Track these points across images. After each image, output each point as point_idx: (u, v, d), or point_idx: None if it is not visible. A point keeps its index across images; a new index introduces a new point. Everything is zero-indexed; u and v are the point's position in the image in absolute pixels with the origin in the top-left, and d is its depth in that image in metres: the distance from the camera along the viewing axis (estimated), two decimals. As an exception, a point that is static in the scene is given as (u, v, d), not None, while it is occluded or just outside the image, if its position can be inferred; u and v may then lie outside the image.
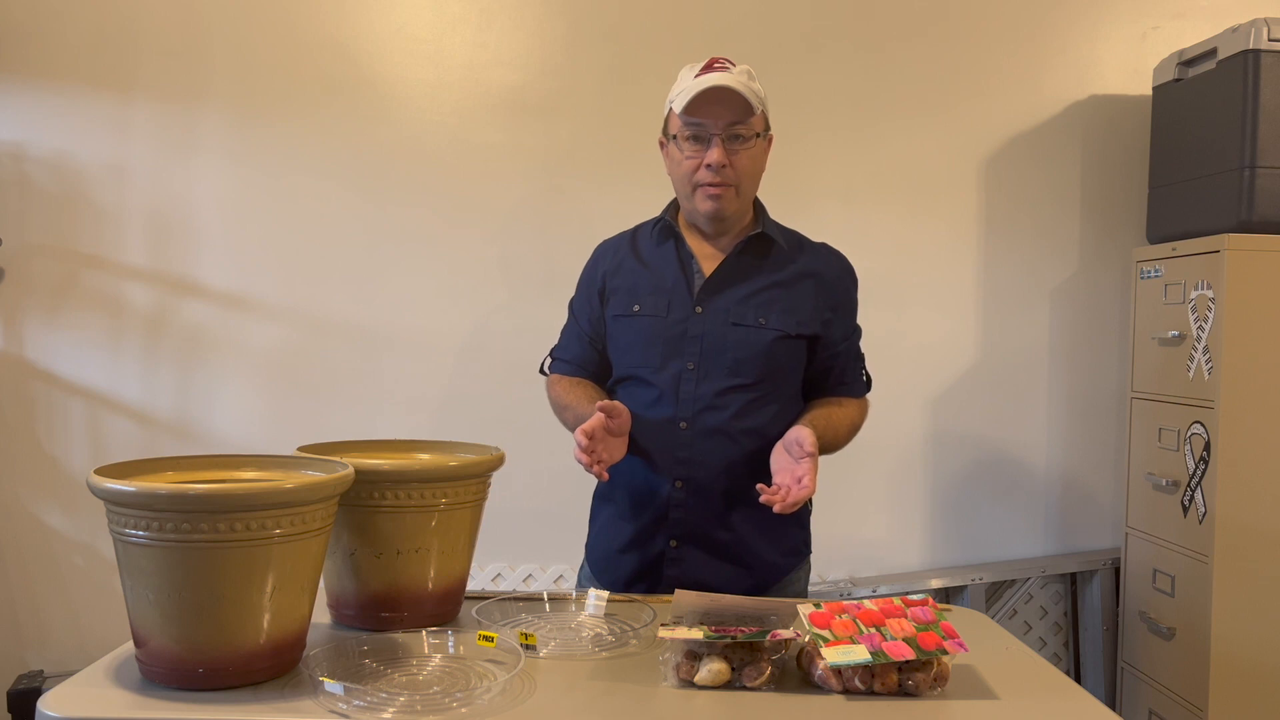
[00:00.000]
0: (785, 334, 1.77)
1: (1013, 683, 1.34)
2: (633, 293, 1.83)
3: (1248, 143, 2.37)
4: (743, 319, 1.77)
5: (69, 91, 2.69)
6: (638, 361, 1.81)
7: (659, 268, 1.83)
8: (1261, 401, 2.36)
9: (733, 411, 1.75)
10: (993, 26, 2.86)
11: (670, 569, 1.78)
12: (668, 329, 1.78)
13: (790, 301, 1.79)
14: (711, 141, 1.72)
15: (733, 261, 1.80)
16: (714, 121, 1.71)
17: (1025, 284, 2.90)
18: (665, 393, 1.76)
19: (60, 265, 2.70)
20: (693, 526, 1.76)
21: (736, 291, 1.79)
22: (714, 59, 1.77)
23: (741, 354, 1.76)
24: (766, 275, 1.81)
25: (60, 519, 2.72)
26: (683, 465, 1.75)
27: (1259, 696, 2.39)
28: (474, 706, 1.18)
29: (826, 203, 2.83)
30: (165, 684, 1.22)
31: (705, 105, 1.71)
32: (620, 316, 1.84)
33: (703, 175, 1.74)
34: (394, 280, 2.77)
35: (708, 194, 1.75)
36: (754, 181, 1.80)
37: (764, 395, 1.78)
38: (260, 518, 1.19)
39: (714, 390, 1.75)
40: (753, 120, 1.74)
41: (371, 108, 2.75)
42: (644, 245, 1.87)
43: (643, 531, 1.79)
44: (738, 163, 1.74)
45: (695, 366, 1.76)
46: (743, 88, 1.70)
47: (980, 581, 2.82)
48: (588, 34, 2.78)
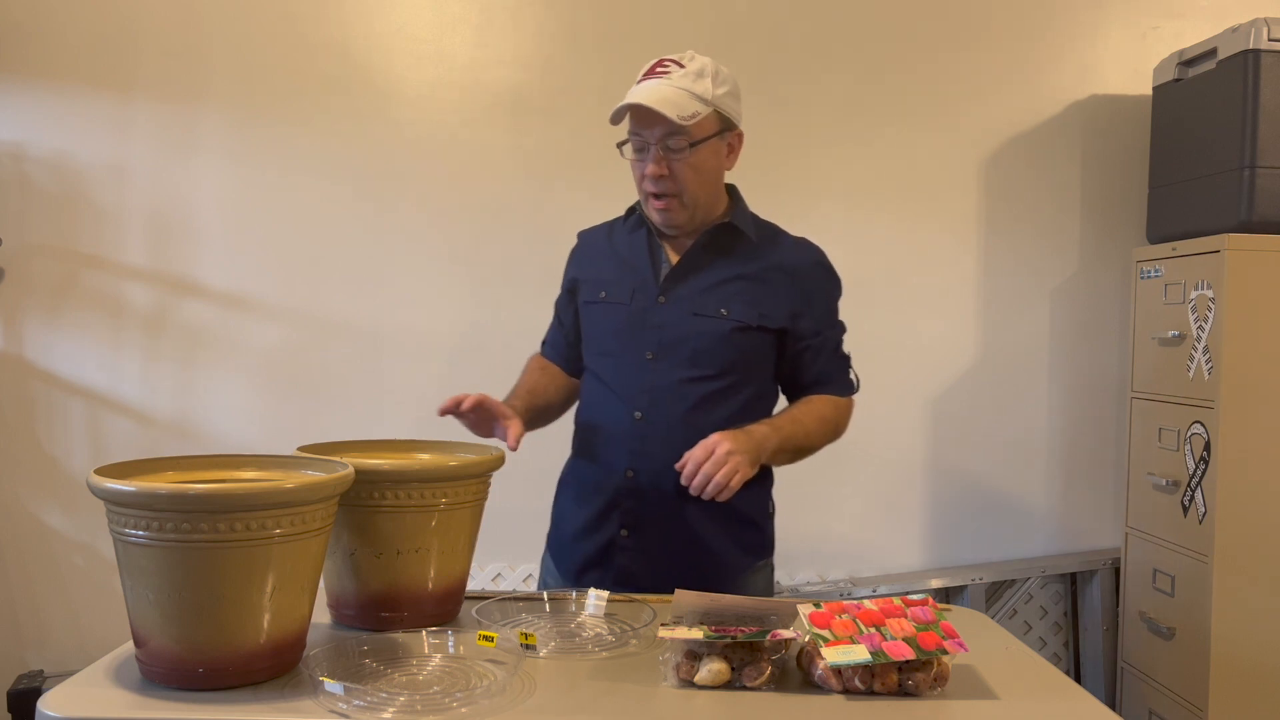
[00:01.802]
0: (746, 325, 1.75)
1: (1013, 683, 1.33)
2: (601, 280, 1.84)
3: (1248, 143, 2.37)
4: (704, 309, 1.75)
5: (69, 91, 2.69)
6: (599, 349, 1.82)
7: (629, 256, 1.83)
8: (1261, 401, 2.36)
9: (690, 403, 1.72)
10: (993, 27, 2.86)
11: (621, 558, 1.77)
12: (630, 317, 1.78)
13: (755, 293, 1.77)
14: (650, 152, 1.71)
15: (698, 252, 1.79)
16: (649, 132, 1.70)
17: (1025, 284, 2.90)
18: (622, 381, 1.77)
19: (60, 265, 2.70)
20: (644, 516, 1.75)
21: (700, 282, 1.77)
22: (658, 63, 1.72)
23: (700, 345, 1.74)
24: (732, 266, 1.78)
25: (60, 519, 2.72)
26: (635, 455, 1.74)
27: (1259, 696, 2.39)
28: (474, 706, 1.18)
29: (827, 203, 2.83)
30: (165, 684, 1.22)
31: (636, 115, 1.69)
32: (589, 303, 1.85)
33: (646, 185, 1.74)
34: (394, 280, 2.77)
35: (654, 206, 1.75)
36: (703, 186, 1.75)
37: (726, 389, 1.75)
38: (260, 518, 1.19)
39: (672, 381, 1.74)
40: (690, 128, 1.67)
41: (371, 108, 2.75)
42: (619, 234, 1.88)
43: (595, 519, 1.79)
44: (679, 171, 1.70)
45: (654, 356, 1.76)
46: (665, 101, 1.65)
47: (980, 581, 2.82)
48: (588, 34, 2.78)
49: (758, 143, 2.83)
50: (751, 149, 2.81)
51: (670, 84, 1.68)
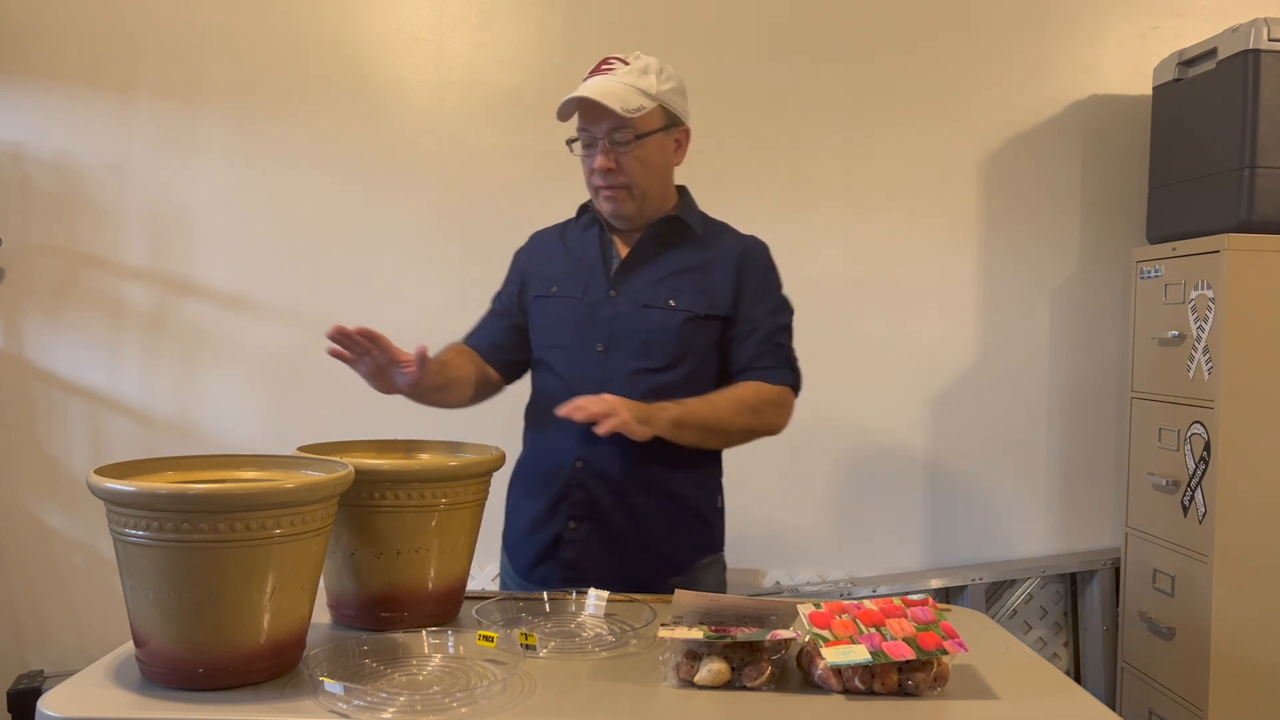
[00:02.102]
0: (696, 314, 1.77)
1: (1013, 683, 1.33)
2: (553, 275, 1.86)
3: (1248, 143, 2.37)
4: (654, 301, 1.78)
5: (69, 91, 2.69)
6: (551, 341, 1.83)
7: (581, 252, 1.86)
8: (1261, 401, 2.36)
9: (640, 394, 1.72)
10: (993, 27, 2.86)
11: (568, 550, 1.78)
12: (582, 310, 1.80)
13: (703, 283, 1.79)
14: (598, 146, 1.75)
15: (646, 245, 1.82)
16: (596, 126, 1.74)
17: (1025, 284, 2.90)
18: (573, 374, 1.78)
19: (60, 265, 2.70)
20: (592, 509, 1.76)
21: (650, 274, 1.80)
22: (604, 60, 1.78)
23: (650, 337, 1.76)
24: (680, 258, 1.81)
25: (60, 519, 2.72)
26: (584, 446, 1.74)
27: (1259, 696, 2.39)
28: (474, 706, 1.18)
29: (827, 203, 2.83)
30: (165, 684, 1.22)
31: (583, 110, 1.74)
32: (540, 298, 1.86)
33: (595, 179, 1.78)
34: (394, 280, 2.77)
35: (604, 196, 1.79)
36: (652, 179, 1.80)
37: (676, 379, 1.76)
38: (260, 518, 1.19)
39: (622, 373, 1.76)
40: (636, 122, 1.73)
41: (371, 108, 2.75)
42: (572, 232, 1.90)
43: (544, 512, 1.79)
44: (626, 164, 1.75)
45: (605, 349, 1.77)
46: (610, 95, 1.70)
47: (980, 581, 2.82)
48: (587, 34, 2.78)
49: (758, 143, 2.85)
50: (752, 149, 2.85)
51: (615, 79, 1.73)
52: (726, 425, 1.74)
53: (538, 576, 1.81)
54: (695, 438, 1.72)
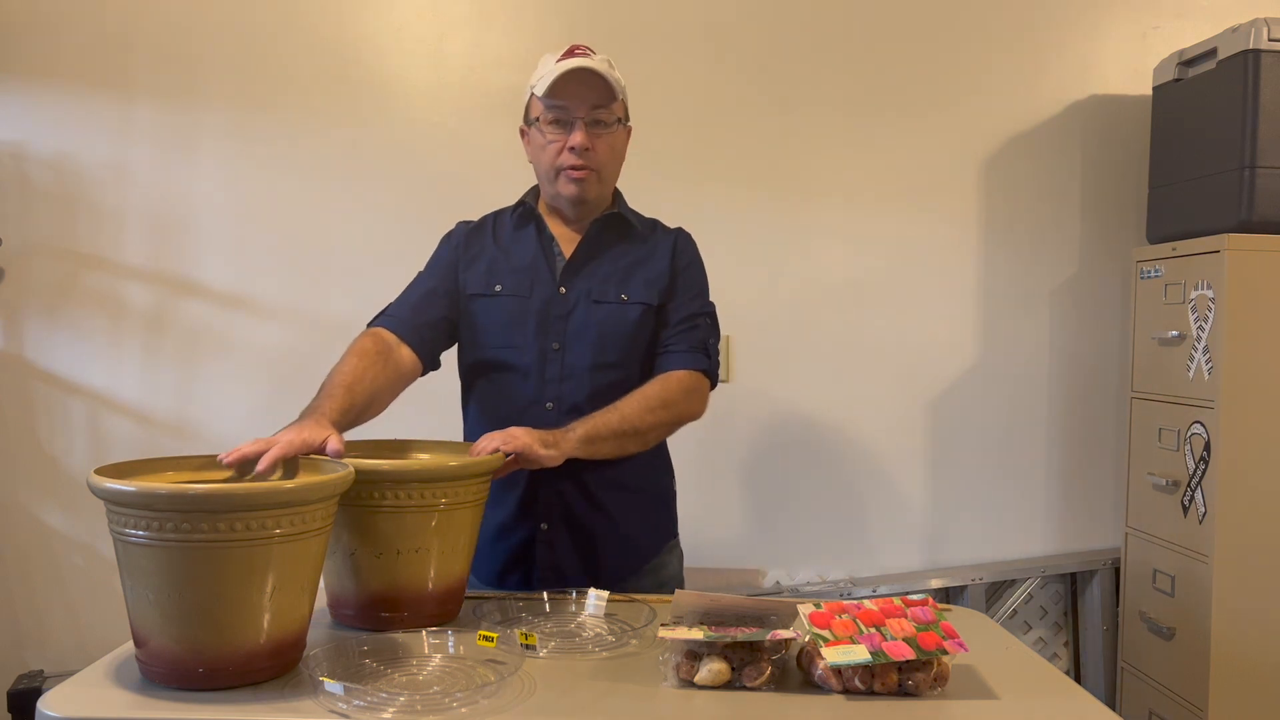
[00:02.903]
0: (649, 305, 1.79)
1: (1013, 683, 1.34)
2: (492, 274, 1.82)
3: (1248, 143, 2.37)
4: (605, 296, 1.78)
5: (69, 91, 2.69)
6: (501, 342, 1.80)
7: (518, 250, 1.84)
8: (1261, 401, 2.36)
9: (599, 389, 1.73)
10: (992, 26, 2.86)
11: (541, 552, 1.77)
12: (532, 309, 1.78)
13: (647, 274, 1.81)
14: (574, 125, 1.75)
15: (592, 240, 1.82)
16: (576, 105, 1.74)
17: (1025, 284, 2.90)
18: (530, 373, 1.77)
19: (60, 265, 2.70)
20: (563, 508, 1.76)
21: (598, 270, 1.80)
22: (574, 46, 1.79)
23: (605, 330, 1.77)
24: (623, 253, 1.82)
25: (60, 519, 2.72)
26: None
27: (1259, 696, 2.39)
28: (474, 706, 1.18)
29: (827, 203, 2.83)
30: (165, 684, 1.22)
31: (567, 88, 1.73)
32: (480, 296, 1.81)
33: (565, 159, 1.76)
34: (394, 280, 2.76)
35: (571, 177, 1.77)
36: (615, 168, 1.83)
37: (634, 373, 1.78)
38: (260, 518, 1.19)
39: (580, 369, 1.76)
40: (614, 105, 1.77)
41: (371, 109, 2.75)
42: (502, 230, 1.88)
43: (513, 517, 1.78)
44: (599, 147, 1.76)
45: (560, 347, 1.77)
46: (604, 72, 1.73)
47: (980, 581, 2.82)
48: (587, 35, 2.76)
49: (758, 142, 2.85)
50: (752, 149, 2.85)
51: (597, 62, 1.75)
52: (638, 427, 1.70)
53: (513, 582, 1.80)
54: (611, 449, 1.68)
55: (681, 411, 1.76)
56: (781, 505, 2.86)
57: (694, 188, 2.77)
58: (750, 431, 2.84)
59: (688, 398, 1.77)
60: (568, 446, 1.62)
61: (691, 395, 1.77)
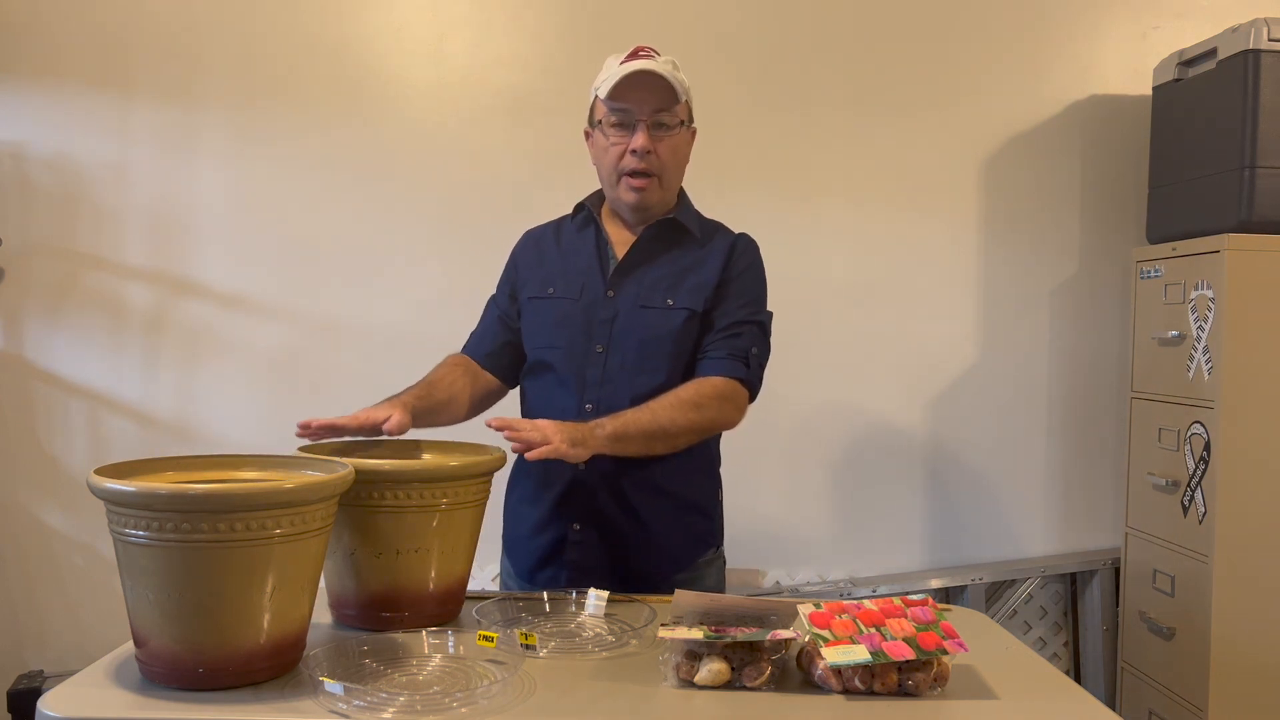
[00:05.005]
0: (694, 312, 1.77)
1: (1013, 683, 1.33)
2: (548, 276, 1.84)
3: (1248, 143, 2.37)
4: (651, 301, 1.77)
5: (69, 91, 2.69)
6: (547, 343, 1.81)
7: (576, 253, 1.84)
8: (1261, 401, 2.36)
9: (641, 394, 1.71)
10: (992, 26, 2.86)
11: (572, 553, 1.77)
12: (580, 311, 1.78)
13: (697, 280, 1.79)
14: (636, 127, 1.73)
15: (644, 245, 1.80)
16: (639, 107, 1.73)
17: (1025, 284, 2.90)
18: (572, 375, 1.77)
19: (60, 265, 2.70)
20: (596, 510, 1.75)
21: (648, 274, 1.79)
22: (639, 47, 1.77)
23: (648, 335, 1.75)
24: (676, 259, 1.80)
25: (60, 519, 2.72)
26: None
27: (1259, 696, 2.39)
28: (474, 706, 1.18)
29: (827, 202, 2.83)
30: (165, 684, 1.22)
31: (630, 91, 1.72)
32: (534, 299, 1.84)
33: (628, 162, 1.74)
34: (394, 280, 2.77)
35: (631, 185, 1.76)
36: (678, 171, 1.82)
37: (676, 379, 1.75)
38: (260, 518, 1.19)
39: (621, 373, 1.75)
40: (677, 108, 1.76)
41: (371, 108, 2.75)
42: (566, 233, 1.89)
43: (547, 515, 1.78)
44: (661, 150, 1.75)
45: (604, 349, 1.76)
46: (668, 74, 1.72)
47: (980, 581, 2.82)
48: (587, 35, 2.78)
49: (758, 142, 2.85)
50: (752, 149, 2.85)
51: (659, 65, 1.73)
52: (668, 428, 1.66)
53: (542, 579, 1.80)
54: (639, 448, 1.66)
55: (713, 417, 1.72)
56: (781, 505, 2.86)
57: (693, 187, 2.76)
58: (749, 431, 2.83)
59: (720, 405, 1.72)
60: (595, 444, 1.60)
61: (725, 403, 1.73)
